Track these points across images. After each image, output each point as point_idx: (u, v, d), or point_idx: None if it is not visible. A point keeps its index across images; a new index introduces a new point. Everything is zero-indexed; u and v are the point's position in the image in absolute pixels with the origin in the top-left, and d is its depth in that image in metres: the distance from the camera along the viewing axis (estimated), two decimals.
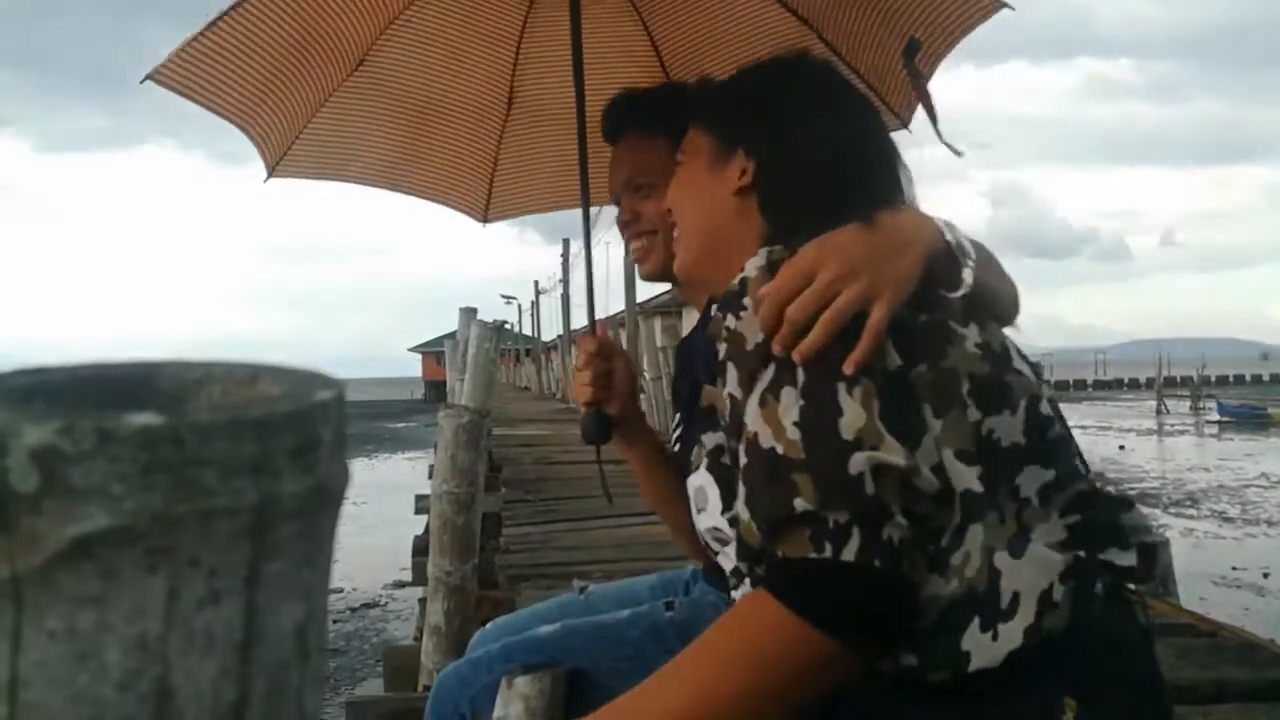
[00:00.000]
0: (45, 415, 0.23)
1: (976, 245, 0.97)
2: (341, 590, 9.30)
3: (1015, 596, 0.83)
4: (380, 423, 41.40)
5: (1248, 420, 32.87)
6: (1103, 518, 0.89)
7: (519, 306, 48.47)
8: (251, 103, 1.70)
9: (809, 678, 0.80)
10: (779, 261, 0.90)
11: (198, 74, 1.57)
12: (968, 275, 0.94)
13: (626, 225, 1.44)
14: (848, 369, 0.82)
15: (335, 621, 8.27)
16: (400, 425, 40.42)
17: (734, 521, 0.89)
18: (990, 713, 0.84)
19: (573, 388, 1.47)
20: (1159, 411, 37.70)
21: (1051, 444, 0.90)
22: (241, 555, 0.25)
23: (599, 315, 1.74)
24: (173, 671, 0.24)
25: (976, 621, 0.82)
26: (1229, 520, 13.27)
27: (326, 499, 0.27)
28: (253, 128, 1.76)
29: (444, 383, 12.04)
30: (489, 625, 1.60)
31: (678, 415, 1.55)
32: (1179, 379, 56.89)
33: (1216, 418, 34.46)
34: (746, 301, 0.90)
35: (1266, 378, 78.35)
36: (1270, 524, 12.85)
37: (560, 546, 4.47)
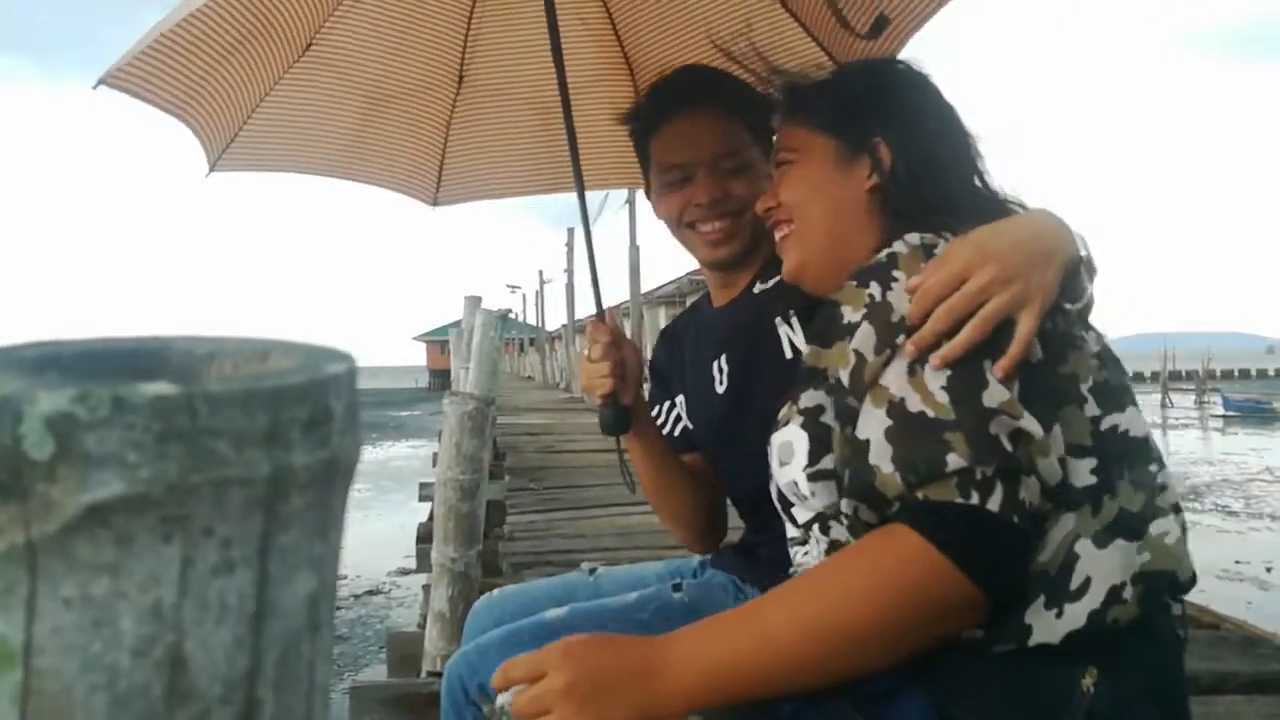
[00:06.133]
0: (59, 383, 0.23)
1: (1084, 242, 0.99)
2: (345, 577, 9.32)
3: (1087, 581, 0.86)
4: (385, 411, 41.47)
5: (1253, 414, 32.78)
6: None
7: (523, 295, 48.44)
8: (193, 94, 1.64)
9: (938, 614, 0.81)
10: (931, 246, 0.94)
11: (146, 73, 1.52)
12: (1090, 290, 0.97)
13: (714, 203, 1.39)
14: (997, 373, 0.85)
15: (339, 608, 8.28)
16: (405, 413, 40.48)
17: (815, 477, 0.93)
18: (1012, 668, 0.86)
19: (586, 380, 1.44)
20: (1164, 405, 37.58)
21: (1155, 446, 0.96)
22: (254, 526, 0.25)
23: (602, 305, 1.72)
24: (186, 640, 0.24)
25: (1042, 599, 0.85)
26: (1232, 514, 13.25)
27: (338, 471, 0.28)
28: (195, 119, 1.70)
29: (448, 371, 12.05)
30: (494, 592, 1.59)
31: (672, 401, 1.55)
32: (1184, 373, 56.75)
33: (1221, 412, 34.39)
34: (898, 274, 0.92)
35: (1272, 372, 78.10)
36: (1274, 518, 12.83)
37: (563, 534, 4.48)
